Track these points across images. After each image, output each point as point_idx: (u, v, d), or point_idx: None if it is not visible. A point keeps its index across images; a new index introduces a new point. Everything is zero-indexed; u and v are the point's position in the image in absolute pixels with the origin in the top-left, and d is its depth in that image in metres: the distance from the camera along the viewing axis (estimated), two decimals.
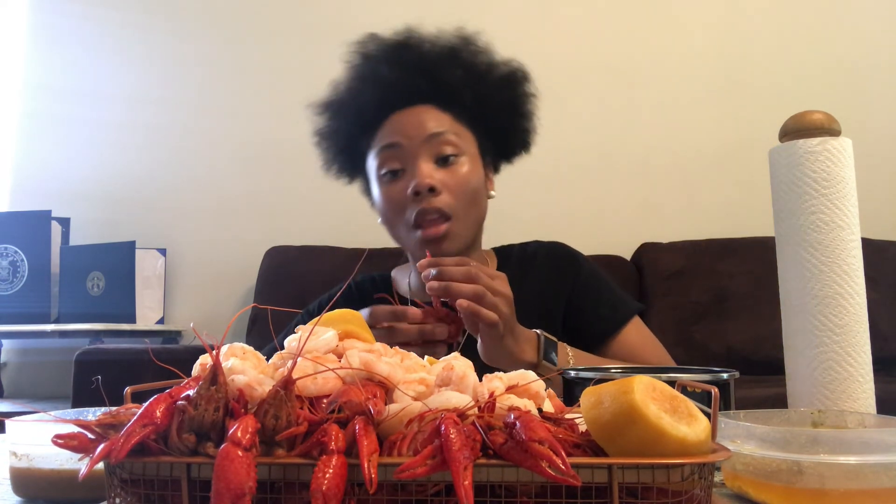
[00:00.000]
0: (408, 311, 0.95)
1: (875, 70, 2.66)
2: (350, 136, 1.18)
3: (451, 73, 1.13)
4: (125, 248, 2.44)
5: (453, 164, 1.10)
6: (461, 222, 1.09)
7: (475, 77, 1.15)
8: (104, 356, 1.93)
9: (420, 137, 1.09)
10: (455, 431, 0.42)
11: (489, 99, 1.16)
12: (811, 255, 0.79)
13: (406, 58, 1.14)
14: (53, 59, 2.72)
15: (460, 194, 1.09)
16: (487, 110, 1.16)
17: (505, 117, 1.19)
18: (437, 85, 1.12)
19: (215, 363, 0.46)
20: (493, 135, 1.19)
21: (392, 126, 1.11)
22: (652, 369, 0.81)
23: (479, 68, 1.16)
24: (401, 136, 1.10)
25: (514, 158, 1.25)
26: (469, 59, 1.16)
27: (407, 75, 1.12)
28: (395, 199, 1.10)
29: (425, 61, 1.14)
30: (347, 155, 1.22)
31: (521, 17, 2.65)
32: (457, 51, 1.16)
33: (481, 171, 1.15)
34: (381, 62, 1.14)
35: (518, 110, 1.19)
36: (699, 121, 2.63)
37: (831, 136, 0.80)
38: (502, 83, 1.18)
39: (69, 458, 0.62)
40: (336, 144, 1.22)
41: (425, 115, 1.11)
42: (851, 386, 0.76)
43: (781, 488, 0.56)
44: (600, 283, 1.20)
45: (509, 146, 1.22)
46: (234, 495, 0.40)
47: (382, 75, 1.13)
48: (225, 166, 2.64)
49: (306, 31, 2.63)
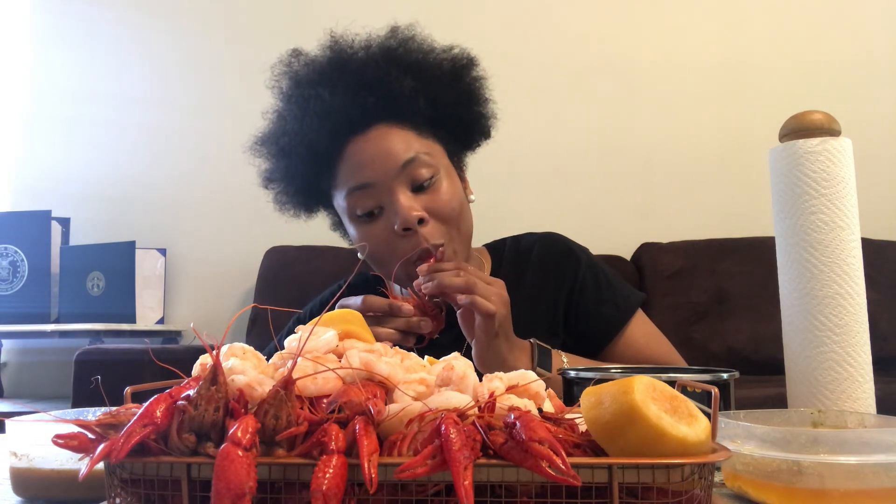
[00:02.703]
0: (402, 307, 0.95)
1: (875, 70, 2.66)
2: (305, 174, 1.09)
3: (400, 84, 1.03)
4: (125, 248, 2.44)
5: (431, 186, 1.03)
6: (455, 243, 1.05)
7: (423, 80, 1.06)
8: (104, 356, 1.93)
9: (392, 171, 1.00)
10: (455, 431, 0.42)
11: (442, 97, 1.07)
12: (811, 255, 0.79)
13: (346, 78, 1.04)
14: (54, 59, 2.72)
15: (447, 216, 1.03)
16: (444, 109, 1.08)
17: (462, 110, 1.11)
18: (388, 100, 1.03)
19: (215, 363, 0.46)
20: (455, 132, 1.12)
21: (355, 161, 1.02)
22: (652, 369, 0.81)
23: (424, 67, 1.07)
24: (369, 172, 1.01)
25: (476, 148, 1.18)
26: (411, 60, 1.07)
27: (354, 97, 1.02)
28: (381, 238, 1.03)
29: (368, 77, 1.03)
30: (307, 195, 1.13)
31: (521, 17, 2.64)
32: (394, 54, 1.07)
33: (458, 181, 1.09)
34: (319, 86, 1.04)
35: (472, 99, 1.12)
36: (699, 121, 2.63)
37: (831, 136, 0.80)
38: (450, 76, 1.09)
39: (69, 458, 0.62)
40: (291, 185, 1.12)
41: (388, 140, 1.02)
42: (851, 386, 0.76)
43: (781, 488, 0.56)
44: (599, 279, 1.16)
45: (471, 137, 1.16)
46: (234, 495, 0.40)
47: (326, 103, 1.02)
48: (225, 166, 2.63)
49: (307, 32, 2.62)
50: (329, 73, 1.05)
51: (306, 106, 1.04)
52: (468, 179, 1.16)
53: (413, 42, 1.09)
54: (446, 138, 1.10)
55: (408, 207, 0.99)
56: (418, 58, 1.08)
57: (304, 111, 1.04)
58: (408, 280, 1.02)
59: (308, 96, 1.04)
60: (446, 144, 1.10)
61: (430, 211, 1.02)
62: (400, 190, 1.01)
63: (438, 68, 1.09)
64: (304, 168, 1.07)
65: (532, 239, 1.21)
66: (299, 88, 1.07)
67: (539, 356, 0.97)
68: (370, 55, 1.07)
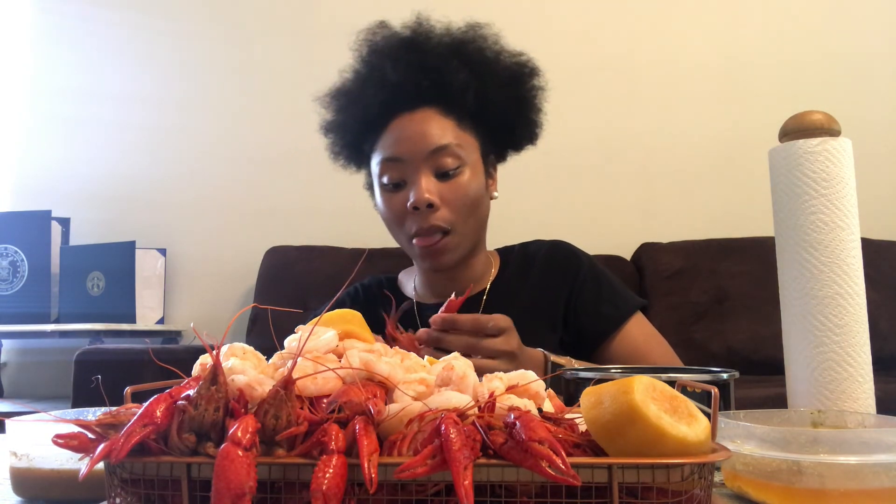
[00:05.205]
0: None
1: (875, 70, 2.66)
2: (355, 132, 1.19)
3: (455, 75, 1.11)
4: (125, 248, 2.44)
5: (454, 176, 1.09)
6: (459, 234, 1.10)
7: (480, 76, 1.13)
8: (104, 356, 1.93)
9: (422, 153, 1.08)
10: (455, 431, 0.42)
11: (494, 97, 1.14)
12: (811, 255, 0.79)
13: (411, 58, 1.12)
14: (54, 59, 2.72)
15: (459, 207, 1.09)
16: (492, 108, 1.15)
17: (511, 114, 1.18)
18: (441, 87, 1.11)
19: (215, 363, 0.46)
20: (498, 131, 1.19)
21: (395, 135, 1.11)
22: (652, 369, 0.82)
23: (485, 66, 1.14)
24: (403, 149, 1.09)
25: (521, 150, 1.25)
26: (475, 57, 1.14)
27: (411, 77, 1.11)
28: (395, 209, 1.11)
29: (429, 62, 1.12)
30: (353, 149, 1.22)
31: (521, 16, 2.65)
32: (463, 48, 1.14)
33: (482, 178, 1.14)
34: (386, 59, 1.13)
35: (525, 105, 1.18)
36: (699, 121, 2.63)
37: (831, 136, 0.80)
38: (509, 80, 1.16)
39: (69, 458, 0.62)
40: (342, 138, 1.22)
41: (428, 123, 1.10)
42: (851, 386, 0.76)
43: (781, 488, 0.56)
44: (600, 280, 1.19)
45: (516, 140, 1.22)
46: (234, 495, 0.40)
47: (387, 76, 1.12)
48: (225, 166, 2.64)
49: (307, 32, 2.63)
50: (398, 49, 1.14)
51: (370, 74, 1.15)
52: (497, 179, 1.22)
53: (483, 41, 1.16)
54: (485, 135, 1.17)
55: (424, 189, 1.07)
56: (481, 56, 1.15)
57: (367, 78, 1.15)
58: (410, 247, 1.13)
59: (374, 65, 1.15)
60: (483, 141, 1.16)
61: (444, 198, 1.08)
62: (424, 172, 1.08)
63: (497, 69, 1.16)
64: (354, 127, 1.18)
65: (540, 244, 1.26)
66: (371, 56, 1.16)
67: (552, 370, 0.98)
68: (440, 43, 1.15)
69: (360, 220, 2.61)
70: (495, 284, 1.21)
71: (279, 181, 2.60)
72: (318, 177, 2.60)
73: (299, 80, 2.68)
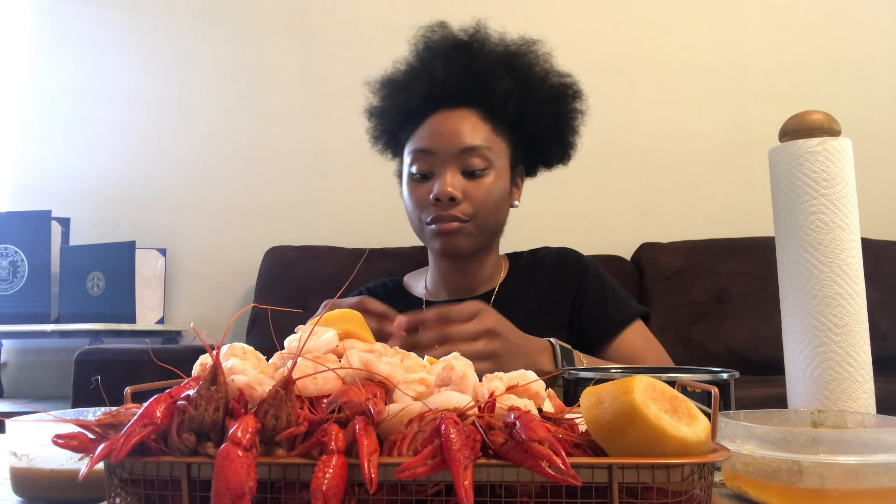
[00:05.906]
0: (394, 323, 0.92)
1: (875, 70, 2.66)
2: (395, 121, 1.23)
3: (500, 83, 1.15)
4: (125, 248, 2.44)
5: (480, 177, 1.13)
6: (476, 226, 1.14)
7: (523, 89, 1.17)
8: (104, 356, 1.93)
9: (454, 149, 1.12)
10: (455, 431, 0.42)
11: (533, 111, 1.18)
12: (811, 255, 0.79)
13: (462, 59, 1.17)
14: (54, 59, 2.72)
15: (480, 204, 1.13)
16: (530, 121, 1.19)
17: (547, 130, 1.22)
18: (484, 92, 1.15)
19: (215, 363, 0.46)
20: (531, 145, 1.22)
21: (431, 128, 1.15)
22: (652, 369, 0.82)
23: (530, 80, 1.18)
24: (436, 143, 1.13)
25: (551, 168, 1.29)
26: (523, 70, 1.18)
27: (458, 77, 1.15)
28: (418, 199, 1.15)
29: (478, 66, 1.16)
30: (391, 136, 1.26)
31: (521, 16, 2.64)
32: (514, 59, 1.18)
33: (506, 184, 1.18)
34: (439, 58, 1.18)
35: (561, 124, 1.22)
36: (699, 121, 2.63)
37: (831, 136, 0.80)
38: (551, 98, 1.20)
39: (69, 458, 0.62)
40: (382, 124, 1.26)
41: (464, 123, 1.13)
42: (851, 386, 0.76)
43: (781, 488, 0.56)
44: (605, 286, 1.22)
45: (548, 156, 1.26)
46: (234, 495, 0.40)
47: (436, 73, 1.16)
48: (225, 167, 2.64)
49: (307, 32, 2.63)
50: (452, 50, 1.18)
51: (422, 68, 1.19)
52: (521, 188, 1.26)
53: (535, 56, 1.20)
54: (517, 145, 1.21)
55: (448, 183, 1.11)
56: (529, 70, 1.19)
57: (417, 72, 1.20)
58: (425, 231, 1.16)
59: (427, 61, 1.19)
60: (514, 150, 1.20)
61: (466, 194, 1.12)
62: (451, 167, 1.12)
63: (542, 86, 1.20)
64: (395, 115, 1.22)
65: (548, 251, 1.29)
66: (425, 52, 1.20)
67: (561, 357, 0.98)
68: (493, 51, 1.19)
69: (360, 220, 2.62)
70: (504, 286, 1.24)
71: (279, 181, 2.60)
72: (318, 177, 2.61)
73: (299, 81, 2.69)
